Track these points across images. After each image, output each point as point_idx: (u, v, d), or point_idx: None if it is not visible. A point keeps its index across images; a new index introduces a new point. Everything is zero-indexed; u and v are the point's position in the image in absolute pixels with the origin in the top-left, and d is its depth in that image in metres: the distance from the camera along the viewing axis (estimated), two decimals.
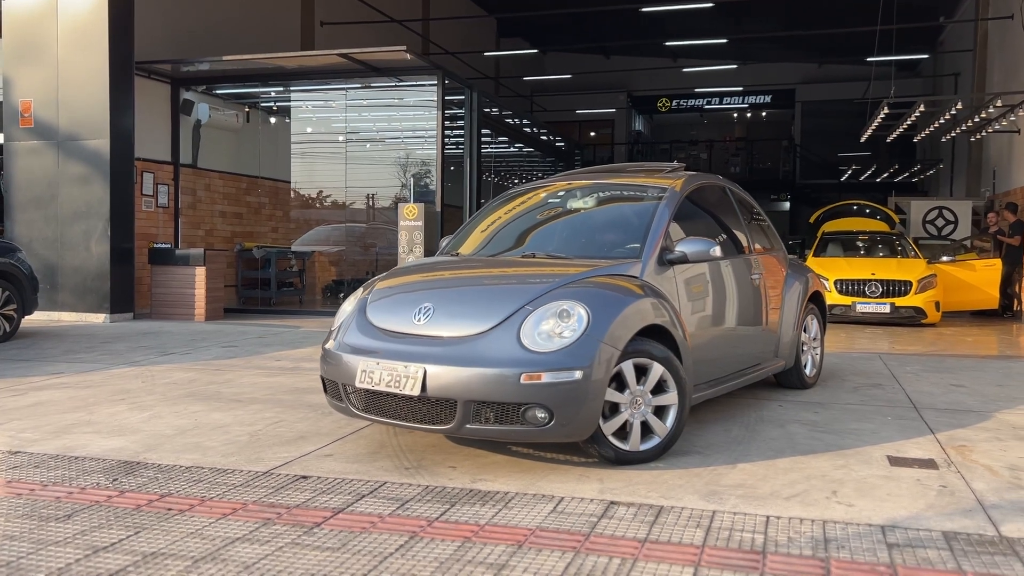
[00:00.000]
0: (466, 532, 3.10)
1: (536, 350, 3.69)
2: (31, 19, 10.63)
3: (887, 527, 3.15)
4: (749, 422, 4.92)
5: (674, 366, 4.04)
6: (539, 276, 4.14)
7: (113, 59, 10.33)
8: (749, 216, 5.64)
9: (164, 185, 12.24)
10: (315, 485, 3.71)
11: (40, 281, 10.51)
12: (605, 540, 3.02)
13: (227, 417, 5.07)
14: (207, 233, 13.20)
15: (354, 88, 12.69)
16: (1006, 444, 4.44)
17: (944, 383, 6.33)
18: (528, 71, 28.69)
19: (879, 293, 11.35)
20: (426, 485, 3.69)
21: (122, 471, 3.93)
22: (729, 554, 2.88)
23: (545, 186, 5.35)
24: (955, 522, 3.20)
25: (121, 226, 10.53)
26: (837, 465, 4.01)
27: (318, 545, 2.98)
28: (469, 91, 11.88)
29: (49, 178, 10.61)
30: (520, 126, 14.82)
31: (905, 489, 3.62)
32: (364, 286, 4.55)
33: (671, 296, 4.34)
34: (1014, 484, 3.70)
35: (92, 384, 6.15)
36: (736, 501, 3.46)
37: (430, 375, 3.71)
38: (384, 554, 2.90)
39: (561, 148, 17.68)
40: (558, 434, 3.71)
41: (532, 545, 2.97)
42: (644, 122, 34.48)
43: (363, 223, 14.86)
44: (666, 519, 3.24)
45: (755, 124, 34.44)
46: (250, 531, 3.13)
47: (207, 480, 3.79)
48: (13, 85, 10.77)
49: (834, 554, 2.88)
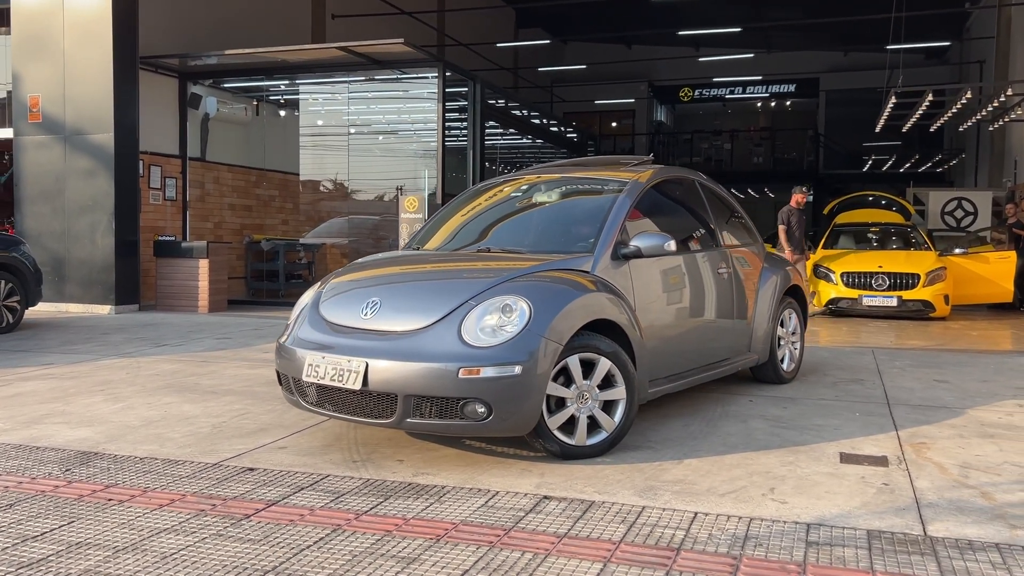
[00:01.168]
0: (389, 526, 3.13)
1: (476, 345, 3.70)
2: (38, 15, 10.81)
3: (813, 525, 3.13)
4: (712, 417, 4.90)
5: (622, 361, 4.03)
6: (487, 271, 4.15)
7: (117, 54, 10.47)
8: (721, 210, 5.59)
9: (172, 178, 12.40)
10: (259, 477, 3.75)
11: (48, 273, 10.73)
12: (525, 535, 3.03)
13: (196, 409, 5.14)
14: (216, 226, 13.36)
15: (360, 81, 12.73)
16: (967, 441, 4.37)
17: (928, 379, 6.24)
18: (548, 62, 28.59)
19: (886, 286, 11.19)
20: (367, 478, 3.72)
21: (77, 461, 4.01)
22: (643, 551, 2.88)
23: (514, 180, 5.35)
24: (884, 521, 3.17)
25: (126, 219, 10.69)
26: (786, 462, 3.97)
27: (240, 537, 3.03)
28: (472, 83, 11.88)
29: (56, 172, 10.80)
30: (527, 117, 14.78)
31: (845, 487, 3.58)
32: (322, 280, 4.59)
33: (625, 291, 4.32)
34: (959, 483, 3.65)
35: (78, 375, 6.27)
36: (670, 497, 3.45)
37: (372, 369, 3.74)
38: (301, 547, 2.93)
39: (573, 140, 17.60)
40: (499, 428, 3.73)
41: (450, 540, 2.99)
42: (666, 112, 34.20)
43: (377, 215, 14.94)
44: (593, 514, 3.24)
45: (780, 114, 34.00)
46: (180, 522, 3.18)
47: (156, 471, 3.86)
48: (22, 80, 10.97)
49: (749, 552, 2.87)
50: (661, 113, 33.38)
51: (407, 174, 14.04)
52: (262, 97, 14.20)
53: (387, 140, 14.54)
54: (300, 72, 12.72)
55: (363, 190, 14.54)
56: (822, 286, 11.62)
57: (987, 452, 4.16)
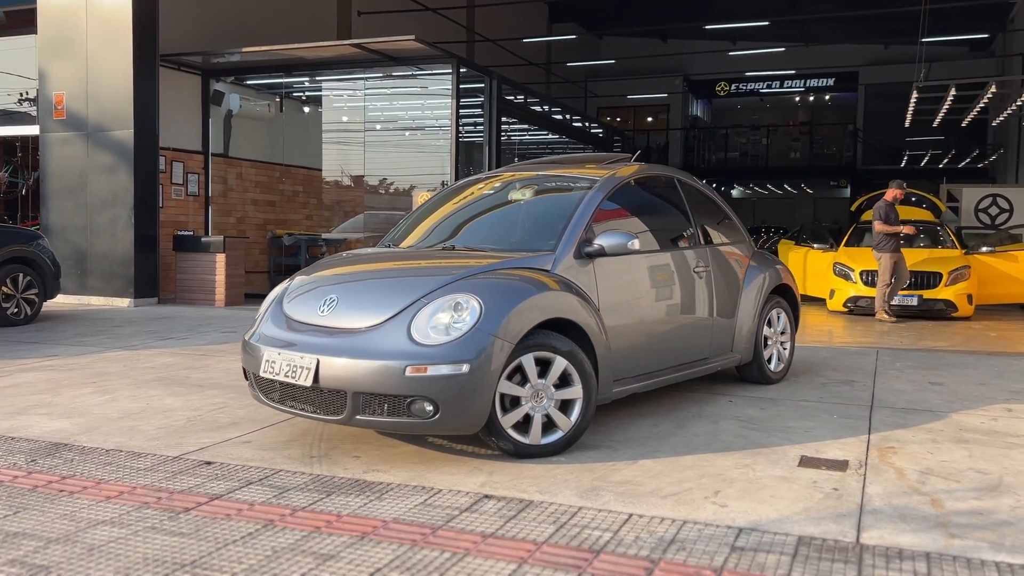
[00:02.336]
0: (320, 522, 3.16)
1: (424, 343, 3.71)
2: (63, 14, 11.07)
3: (746, 530, 3.08)
4: (685, 417, 4.84)
5: (578, 360, 4.01)
6: (445, 269, 4.15)
7: (137, 52, 10.68)
8: (704, 209, 5.52)
9: (194, 174, 12.62)
10: (213, 471, 3.81)
11: (71, 266, 11.02)
12: (451, 534, 3.04)
13: (178, 402, 5.24)
14: (239, 220, 13.57)
15: (380, 78, 12.82)
16: (938, 447, 4.26)
17: (923, 381, 6.10)
18: (582, 57, 28.47)
19: (906, 285, 10.93)
20: (317, 474, 3.75)
21: (45, 453, 4.12)
22: (562, 552, 2.87)
23: (491, 178, 5.34)
24: (820, 527, 3.11)
25: (145, 214, 10.91)
26: (742, 464, 3.92)
27: (172, 530, 3.08)
28: (488, 78, 11.88)
29: (80, 168, 11.07)
30: (548, 113, 14.74)
31: (793, 491, 3.52)
32: (291, 276, 4.64)
33: (589, 289, 4.29)
34: (913, 489, 3.56)
35: (76, 367, 6.42)
36: (611, 498, 3.43)
37: (322, 366, 3.77)
38: (227, 541, 2.97)
39: (598, 135, 17.48)
40: (447, 427, 3.74)
41: (375, 537, 3.01)
42: (702, 107, 33.83)
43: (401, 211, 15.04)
44: (528, 514, 3.24)
45: (819, 108, 33.44)
46: (121, 515, 3.25)
47: (117, 464, 3.94)
48: (47, 78, 11.25)
49: (670, 556, 2.84)
50: (697, 108, 33.02)
51: (429, 169, 14.09)
52: (285, 94, 14.37)
53: (409, 136, 14.61)
54: (320, 69, 12.85)
55: (385, 185, 14.65)
56: (840, 284, 11.42)
57: (955, 458, 4.05)
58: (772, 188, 33.54)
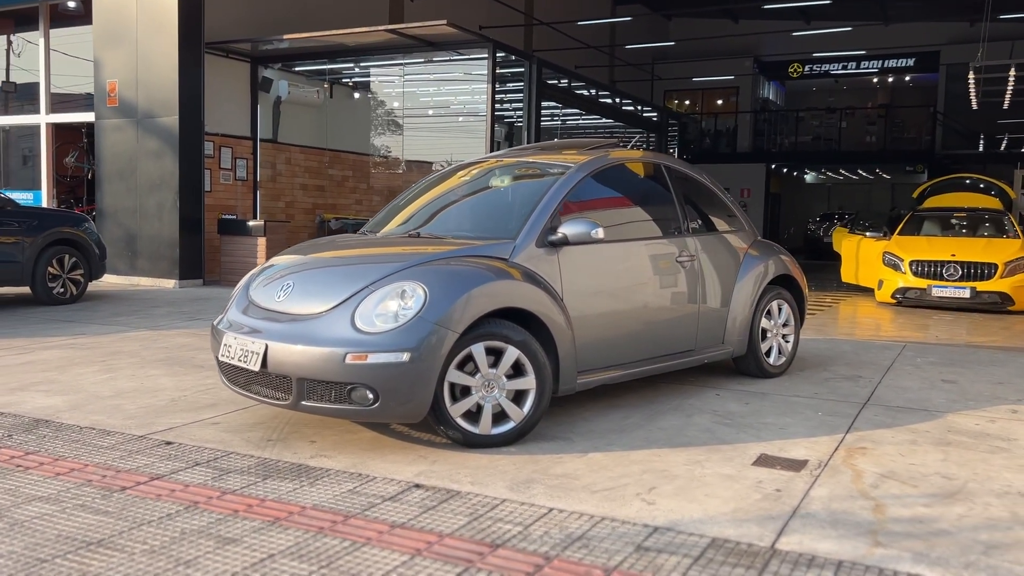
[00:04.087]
0: (241, 506, 3.20)
1: (366, 331, 3.71)
2: (116, 4, 11.46)
3: (661, 529, 2.99)
4: (661, 410, 4.73)
5: (532, 350, 3.95)
6: (400, 256, 4.14)
7: (182, 40, 10.98)
8: (695, 196, 5.36)
9: (243, 159, 12.92)
10: (168, 451, 3.91)
11: (123, 248, 11.46)
12: (360, 523, 3.04)
13: (171, 382, 5.39)
14: (287, 205, 13.85)
15: (422, 63, 12.87)
16: (915, 449, 4.05)
17: (935, 378, 5.81)
18: (650, 39, 27.97)
19: (958, 276, 10.45)
20: (265, 458, 3.81)
21: (24, 428, 4.29)
22: (460, 545, 2.84)
23: (475, 164, 5.30)
24: (741, 529, 2.99)
25: (190, 198, 11.25)
26: (694, 460, 3.81)
27: (99, 509, 3.17)
28: (528, 62, 11.79)
29: (130, 153, 11.47)
30: (595, 97, 14.52)
31: (732, 491, 3.40)
32: (266, 261, 4.71)
33: (552, 279, 4.22)
34: (862, 493, 3.40)
35: (95, 346, 6.68)
36: (540, 491, 3.38)
37: (270, 351, 3.82)
38: (144, 521, 3.04)
39: (652, 119, 17.15)
40: (388, 415, 3.74)
41: (285, 523, 3.03)
42: (775, 89, 32.84)
43: None
44: (448, 505, 3.22)
45: (899, 90, 32.04)
46: (59, 491, 3.36)
47: (84, 441, 4.08)
48: (101, 67, 11.68)
49: (569, 553, 2.78)
50: (769, 90, 32.09)
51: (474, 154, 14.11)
52: (334, 80, 14.56)
53: (453, 121, 14.65)
54: (362, 55, 12.95)
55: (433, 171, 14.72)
56: (889, 275, 10.98)
57: (926, 461, 3.85)
58: (846, 173, 32.38)
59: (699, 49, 28.03)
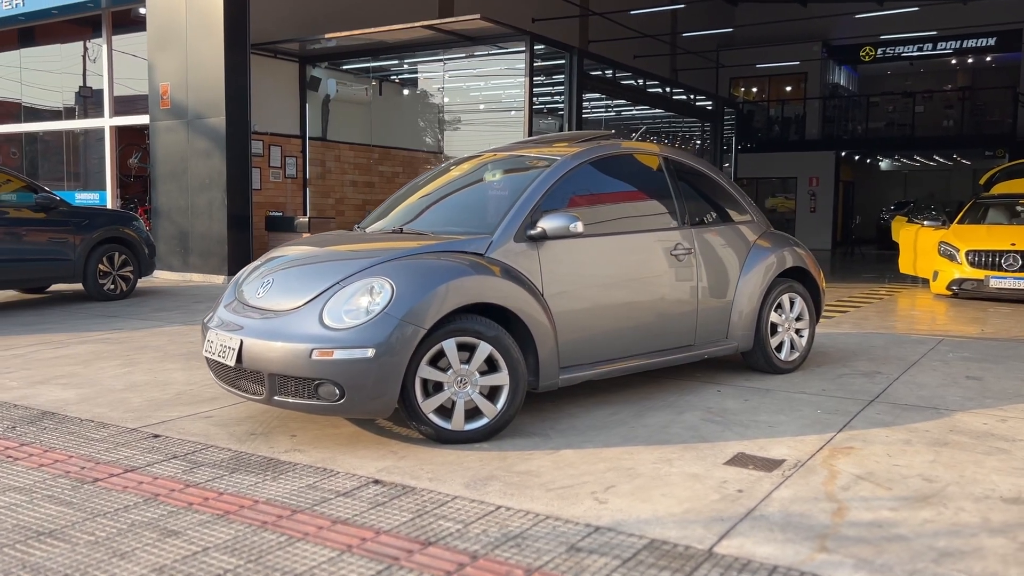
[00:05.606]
0: (197, 499, 3.27)
1: (333, 327, 3.74)
2: (167, 8, 11.83)
3: (602, 529, 2.93)
4: (651, 406, 4.64)
5: (505, 346, 3.92)
6: (375, 252, 4.15)
7: (228, 42, 11.27)
8: (697, 187, 5.22)
9: (292, 157, 13.20)
10: (152, 444, 4.02)
11: (175, 245, 11.85)
12: (305, 518, 3.07)
13: (182, 377, 5.54)
14: (337, 202, 14.09)
15: (464, 58, 12.89)
16: (906, 449, 3.87)
17: (959, 375, 5.53)
18: (715, 25, 27.41)
19: (1018, 266, 9.93)
20: (240, 452, 3.88)
21: (29, 420, 4.47)
22: (393, 542, 2.84)
23: (471, 159, 5.28)
24: (686, 530, 2.91)
25: (237, 196, 11.54)
26: (664, 459, 3.72)
27: (64, 500, 3.28)
28: (568, 54, 11.70)
29: (181, 153, 11.84)
30: (643, 87, 14.30)
31: (692, 491, 3.31)
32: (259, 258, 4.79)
33: (531, 273, 4.18)
34: (829, 495, 3.26)
35: (126, 340, 6.92)
36: (496, 488, 3.35)
37: (244, 347, 3.89)
38: (100, 513, 3.14)
39: (706, 108, 16.79)
40: (355, 410, 3.76)
41: (233, 518, 3.08)
42: (846, 74, 31.78)
43: None
44: (398, 502, 3.22)
45: (980, 71, 30.62)
46: (36, 482, 3.49)
47: (80, 433, 4.23)
48: (155, 70, 12.08)
49: (498, 552, 2.75)
50: (839, 75, 31.08)
51: None
52: (382, 77, 14.73)
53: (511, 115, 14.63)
54: (405, 52, 13.05)
55: None
56: (944, 265, 10.52)
57: (913, 462, 3.67)
58: (923, 160, 31.13)
59: (766, 35, 27.35)
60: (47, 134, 15.21)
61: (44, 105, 15.46)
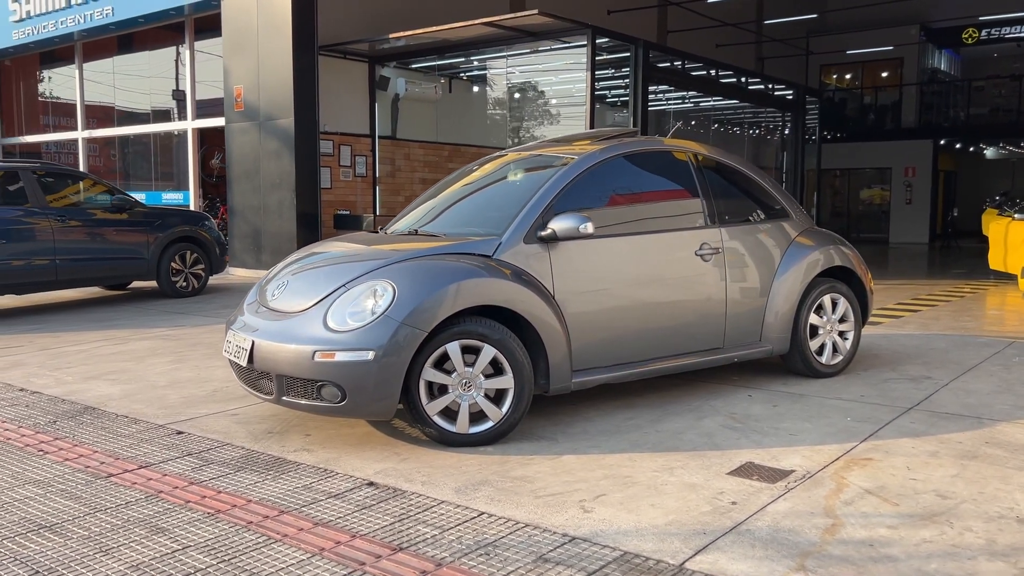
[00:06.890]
0: (195, 497, 3.37)
1: (336, 329, 3.79)
2: (240, 13, 12.21)
3: (577, 540, 2.87)
4: (673, 410, 4.52)
5: (509, 348, 3.89)
6: (383, 254, 4.17)
7: (296, 44, 11.55)
8: (726, 184, 5.04)
9: (362, 156, 13.44)
10: (173, 440, 4.16)
11: (249, 243, 12.25)
12: (289, 519, 3.12)
13: (224, 373, 5.71)
14: (407, 199, 14.24)
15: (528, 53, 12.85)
16: (930, 461, 3.66)
17: (1017, 382, 5.19)
18: (804, 11, 26.52)
19: None
20: (252, 450, 3.98)
21: (69, 415, 4.70)
22: (364, 546, 2.85)
23: (494, 159, 5.24)
24: (662, 543, 2.82)
25: (305, 195, 11.84)
26: (667, 467, 3.62)
27: (75, 494, 3.43)
28: (633, 46, 11.52)
29: (254, 154, 12.21)
30: (716, 78, 13.92)
31: (684, 502, 3.21)
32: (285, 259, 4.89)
33: (543, 276, 4.13)
34: (827, 510, 3.10)
35: (183, 337, 7.19)
36: (485, 494, 3.33)
37: (256, 348, 3.98)
38: (103, 508, 3.27)
39: (786, 98, 16.24)
40: (357, 412, 3.80)
41: (222, 517, 3.16)
42: (948, 58, 30.23)
43: None
44: (384, 506, 3.24)
45: None
46: (56, 476, 3.66)
47: (111, 429, 4.42)
48: (229, 74, 12.49)
49: (463, 560, 2.73)
50: (939, 59, 29.59)
51: None
52: (452, 75, 14.82)
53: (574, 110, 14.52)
54: (470, 49, 13.08)
55: None
56: None
57: (933, 476, 3.47)
58: None
59: (859, 19, 26.27)
60: (139, 136, 15.93)
61: (137, 109, 16.19)
